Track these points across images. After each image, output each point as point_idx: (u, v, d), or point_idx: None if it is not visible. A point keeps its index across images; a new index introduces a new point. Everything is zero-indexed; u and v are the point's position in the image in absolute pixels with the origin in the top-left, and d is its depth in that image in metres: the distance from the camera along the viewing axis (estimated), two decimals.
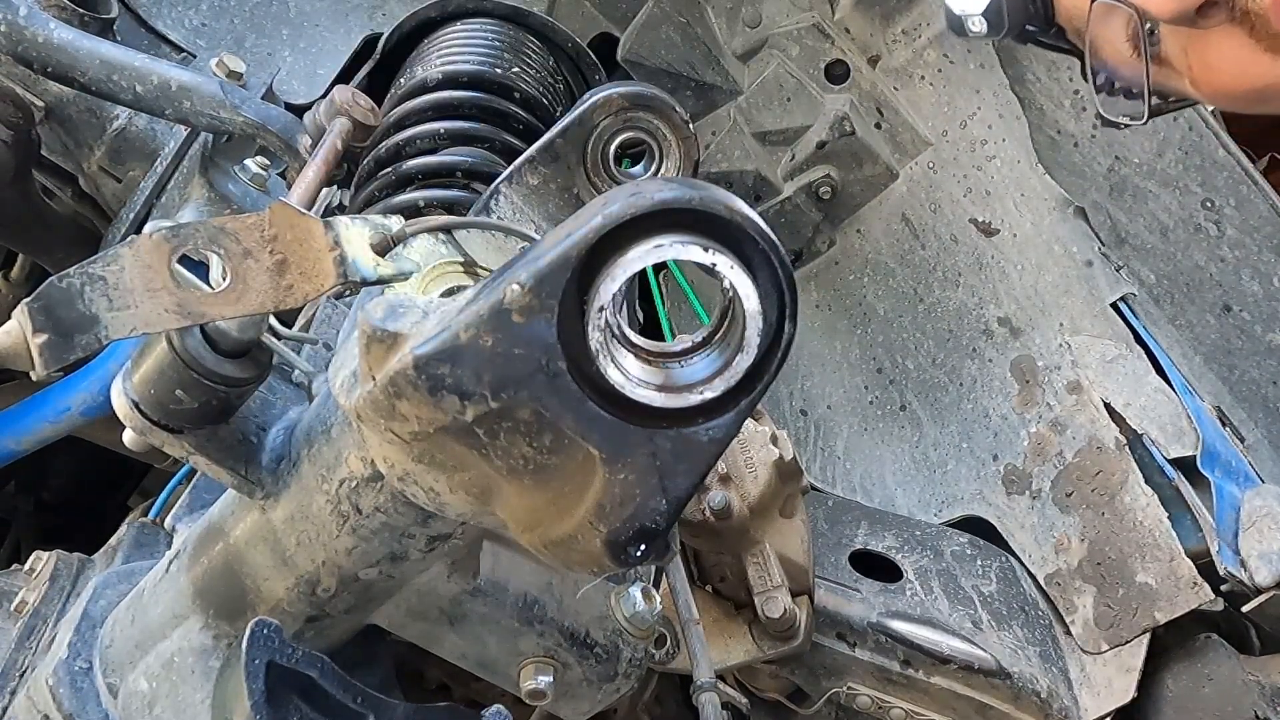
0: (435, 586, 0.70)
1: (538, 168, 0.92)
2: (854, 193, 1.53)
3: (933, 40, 1.45)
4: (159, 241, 0.55)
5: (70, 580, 0.86)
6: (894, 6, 1.45)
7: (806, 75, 1.50)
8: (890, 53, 1.48)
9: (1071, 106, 1.44)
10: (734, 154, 1.54)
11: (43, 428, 1.06)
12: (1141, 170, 1.41)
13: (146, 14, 1.34)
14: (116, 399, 0.61)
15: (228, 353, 0.61)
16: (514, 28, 1.31)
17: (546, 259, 0.42)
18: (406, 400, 0.46)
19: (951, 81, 1.45)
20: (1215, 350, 1.40)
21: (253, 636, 0.58)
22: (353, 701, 0.63)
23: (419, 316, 0.48)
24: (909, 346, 1.47)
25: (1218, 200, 1.37)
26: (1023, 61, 1.47)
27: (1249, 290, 1.38)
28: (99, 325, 0.52)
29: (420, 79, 1.16)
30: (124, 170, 1.21)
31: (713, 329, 0.47)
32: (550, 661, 0.74)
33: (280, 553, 0.65)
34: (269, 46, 1.41)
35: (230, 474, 0.63)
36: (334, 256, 0.61)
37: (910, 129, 1.49)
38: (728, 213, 0.43)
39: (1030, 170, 1.41)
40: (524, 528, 0.50)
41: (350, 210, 1.12)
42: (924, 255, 1.48)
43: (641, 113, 0.91)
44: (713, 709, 0.86)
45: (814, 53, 1.49)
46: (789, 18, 1.50)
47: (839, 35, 1.49)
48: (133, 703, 0.69)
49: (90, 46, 1.08)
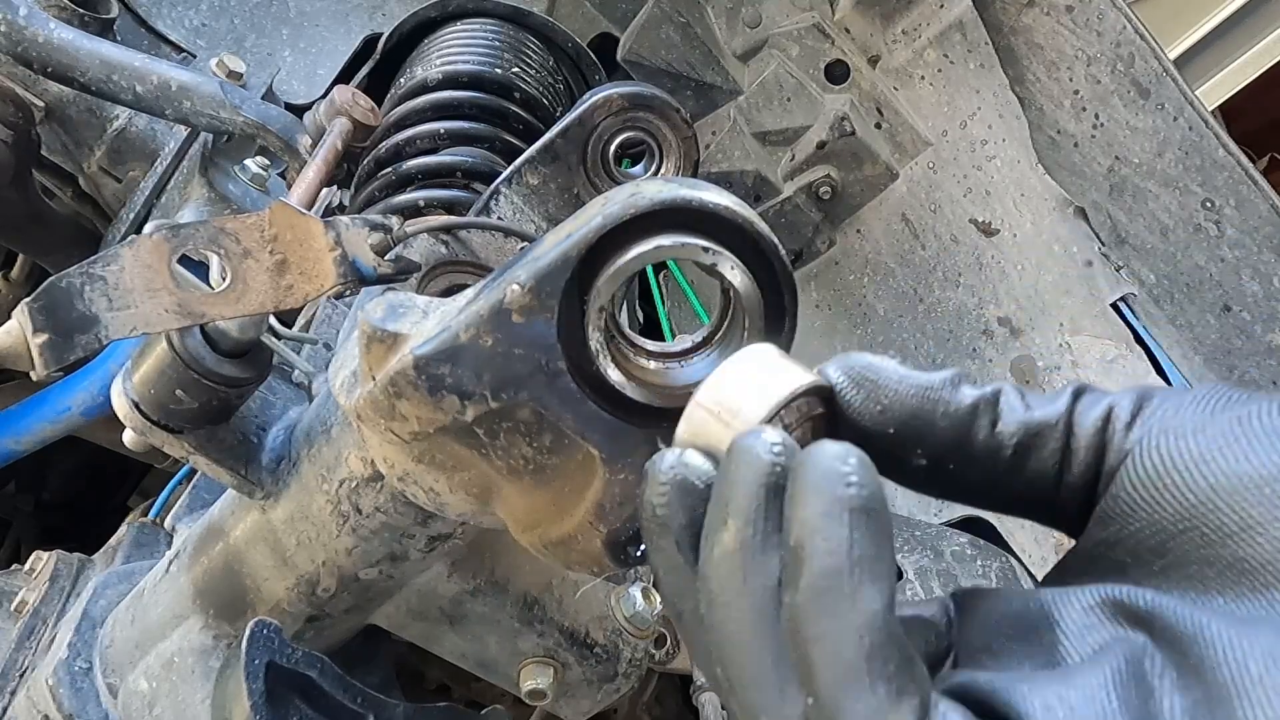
0: (435, 586, 0.70)
1: (538, 168, 0.92)
2: (854, 193, 1.53)
3: (933, 40, 1.45)
4: (159, 241, 0.55)
5: (70, 580, 0.86)
6: (894, 6, 1.45)
7: (806, 75, 1.50)
8: (890, 53, 1.48)
9: (1071, 106, 1.44)
10: (734, 154, 1.54)
11: (43, 428, 1.06)
12: (1141, 170, 1.41)
13: (146, 14, 1.34)
14: (116, 399, 0.61)
15: (228, 353, 0.61)
16: (514, 28, 1.31)
17: (546, 259, 0.42)
18: (406, 400, 0.45)
19: (951, 81, 1.45)
20: (1215, 350, 1.40)
21: (253, 636, 0.58)
22: (353, 701, 0.63)
23: (419, 316, 0.48)
24: (909, 346, 1.47)
25: (1218, 200, 1.37)
26: (1023, 61, 1.47)
27: (1249, 290, 1.38)
28: (99, 325, 0.52)
29: (420, 79, 1.16)
30: (124, 170, 1.21)
31: (713, 329, 0.47)
32: (550, 661, 0.74)
33: (280, 553, 0.65)
34: (269, 46, 1.41)
35: (230, 474, 0.63)
36: (334, 256, 0.61)
37: (910, 129, 1.49)
38: (728, 213, 0.43)
39: (1030, 170, 1.41)
40: (524, 528, 0.50)
41: (350, 210, 1.12)
42: (924, 255, 1.48)
43: (641, 113, 0.91)
44: (713, 709, 0.86)
45: (814, 53, 1.49)
46: (789, 18, 1.50)
47: (839, 35, 1.49)
48: (133, 703, 0.69)
49: (90, 46, 1.08)
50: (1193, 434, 0.36)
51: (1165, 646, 0.33)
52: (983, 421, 0.39)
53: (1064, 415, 0.39)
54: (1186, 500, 0.35)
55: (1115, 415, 0.38)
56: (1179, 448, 0.36)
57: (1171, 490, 0.35)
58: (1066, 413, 0.39)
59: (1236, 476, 0.34)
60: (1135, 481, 0.37)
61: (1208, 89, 2.81)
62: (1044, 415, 0.39)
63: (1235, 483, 0.34)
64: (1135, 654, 0.33)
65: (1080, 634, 0.35)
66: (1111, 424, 0.38)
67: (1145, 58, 1.30)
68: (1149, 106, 1.33)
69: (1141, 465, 0.37)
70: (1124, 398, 0.39)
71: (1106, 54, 1.33)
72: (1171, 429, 0.36)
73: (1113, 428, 0.38)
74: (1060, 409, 0.39)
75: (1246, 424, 0.35)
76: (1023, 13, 1.38)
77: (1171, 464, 0.36)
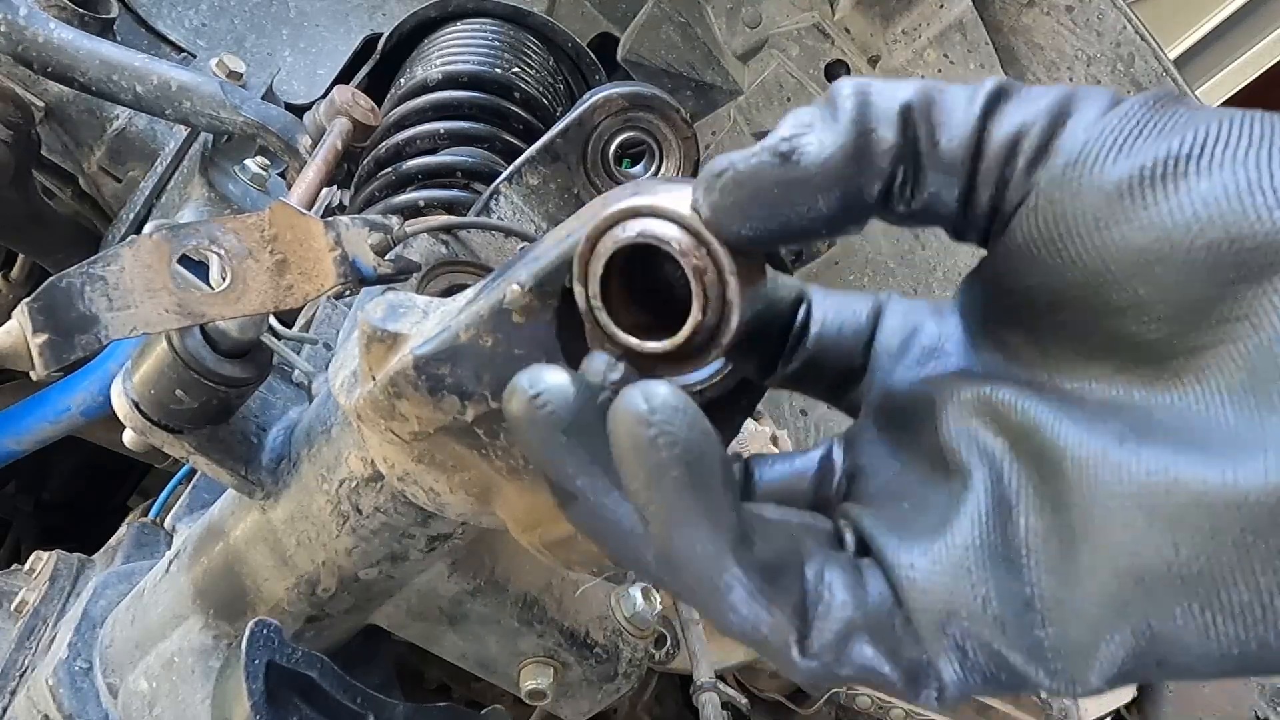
0: (435, 586, 0.70)
1: (538, 168, 0.92)
2: None
3: (933, 40, 1.45)
4: (159, 241, 0.55)
5: (70, 580, 0.86)
6: (894, 6, 1.45)
7: (806, 75, 1.50)
8: (890, 53, 1.48)
9: None
10: None
11: (43, 428, 1.06)
12: None
13: (146, 14, 1.34)
14: (116, 399, 0.61)
15: (228, 353, 0.61)
16: (514, 28, 1.31)
17: (546, 259, 0.42)
18: (406, 400, 0.45)
19: (951, 81, 1.45)
20: None
21: (253, 636, 0.58)
22: (353, 701, 0.63)
23: (419, 316, 0.48)
24: None
25: None
26: (1023, 61, 1.47)
27: None
28: (99, 325, 0.52)
29: (420, 79, 1.16)
30: (124, 170, 1.21)
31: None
32: (550, 661, 0.74)
33: (280, 553, 0.65)
34: (269, 46, 1.41)
35: (230, 474, 0.63)
36: (334, 256, 0.61)
37: None
38: None
39: None
40: (524, 528, 0.50)
41: (350, 210, 1.12)
42: (924, 255, 1.48)
43: (641, 113, 0.91)
44: (713, 709, 0.86)
45: (814, 53, 1.49)
46: (789, 18, 1.50)
47: (839, 35, 1.49)
48: (133, 703, 0.69)
49: (90, 46, 1.08)
50: (1098, 183, 0.31)
51: (1027, 461, 0.32)
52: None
53: (972, 135, 0.33)
54: (1072, 273, 0.32)
55: (1023, 142, 0.33)
56: (1076, 206, 0.31)
57: (1060, 256, 0.32)
58: (975, 132, 0.33)
59: (1134, 251, 0.31)
60: (1025, 238, 0.33)
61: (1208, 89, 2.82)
62: (950, 144, 0.33)
63: (1130, 258, 0.31)
64: (998, 473, 0.33)
65: (957, 442, 0.34)
66: (1018, 153, 0.33)
67: (1145, 58, 1.30)
68: None
69: (1032, 222, 0.33)
70: (1041, 115, 0.33)
71: (1106, 54, 1.33)
72: (1077, 174, 0.32)
73: (1017, 160, 0.33)
74: (969, 124, 0.34)
75: (1166, 174, 0.30)
76: (1023, 13, 1.38)
77: (1064, 228, 0.32)
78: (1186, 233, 0.30)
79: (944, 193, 0.34)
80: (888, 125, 0.33)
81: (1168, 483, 0.28)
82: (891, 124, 0.33)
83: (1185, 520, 0.28)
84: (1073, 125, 0.32)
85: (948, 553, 0.32)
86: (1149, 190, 0.30)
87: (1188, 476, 0.28)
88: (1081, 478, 0.30)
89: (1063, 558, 0.30)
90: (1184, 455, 0.28)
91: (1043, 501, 0.31)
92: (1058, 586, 0.31)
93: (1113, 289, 0.31)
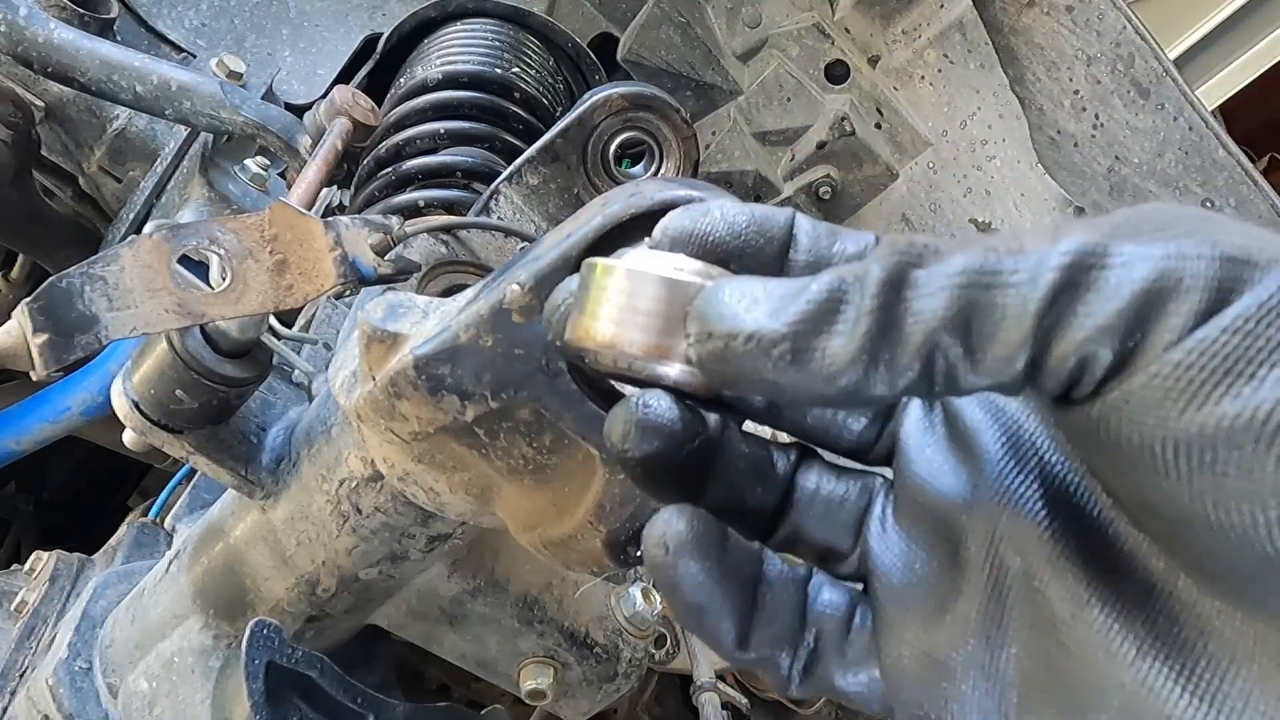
0: (435, 586, 0.70)
1: (538, 168, 0.92)
2: (854, 193, 1.53)
3: (933, 40, 1.45)
4: (159, 241, 0.55)
5: (70, 580, 0.86)
6: (894, 6, 1.45)
7: (806, 75, 1.50)
8: (890, 53, 1.48)
9: (1071, 107, 1.44)
10: (734, 154, 1.54)
11: (43, 428, 1.06)
12: (1141, 170, 1.41)
13: (146, 14, 1.34)
14: (116, 399, 0.61)
15: (228, 353, 0.61)
16: (514, 28, 1.31)
17: (546, 259, 0.42)
18: (406, 400, 0.45)
19: (951, 81, 1.45)
20: None
21: (253, 636, 0.58)
22: (353, 701, 0.63)
23: (419, 316, 0.48)
24: None
25: (1218, 200, 1.37)
26: (1023, 61, 1.47)
27: None
28: (99, 325, 0.52)
29: (420, 79, 1.16)
30: (124, 170, 1.21)
31: None
32: (550, 661, 0.74)
33: (280, 553, 0.65)
34: (269, 46, 1.41)
35: (230, 474, 0.63)
36: (334, 256, 0.61)
37: (910, 129, 1.49)
38: None
39: (1030, 170, 1.41)
40: (524, 528, 0.50)
41: (350, 210, 1.12)
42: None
43: (641, 113, 0.91)
44: (713, 709, 0.86)
45: (814, 53, 1.49)
46: (789, 18, 1.50)
47: (839, 35, 1.49)
48: (133, 703, 0.69)
49: (90, 46, 1.08)
50: (1184, 435, 0.25)
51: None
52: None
53: (1027, 358, 0.27)
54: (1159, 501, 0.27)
55: (1092, 367, 0.27)
56: (1156, 452, 0.26)
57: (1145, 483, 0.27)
58: (1031, 355, 0.27)
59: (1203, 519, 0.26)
60: (1107, 441, 0.27)
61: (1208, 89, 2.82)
62: (995, 363, 0.27)
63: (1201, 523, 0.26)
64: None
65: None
66: (1084, 380, 0.27)
67: (1145, 58, 1.30)
68: (1149, 106, 1.33)
69: (1108, 438, 0.27)
70: (1114, 326, 0.26)
71: (1106, 54, 1.33)
72: (1157, 421, 0.26)
73: (1083, 385, 0.27)
74: (1023, 343, 0.27)
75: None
76: (1023, 13, 1.38)
77: (1141, 465, 0.27)
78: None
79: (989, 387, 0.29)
80: (912, 354, 0.28)
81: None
82: (918, 354, 0.28)
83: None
84: (1151, 346, 0.26)
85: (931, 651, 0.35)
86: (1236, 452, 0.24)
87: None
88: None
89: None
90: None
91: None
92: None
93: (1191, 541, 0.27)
